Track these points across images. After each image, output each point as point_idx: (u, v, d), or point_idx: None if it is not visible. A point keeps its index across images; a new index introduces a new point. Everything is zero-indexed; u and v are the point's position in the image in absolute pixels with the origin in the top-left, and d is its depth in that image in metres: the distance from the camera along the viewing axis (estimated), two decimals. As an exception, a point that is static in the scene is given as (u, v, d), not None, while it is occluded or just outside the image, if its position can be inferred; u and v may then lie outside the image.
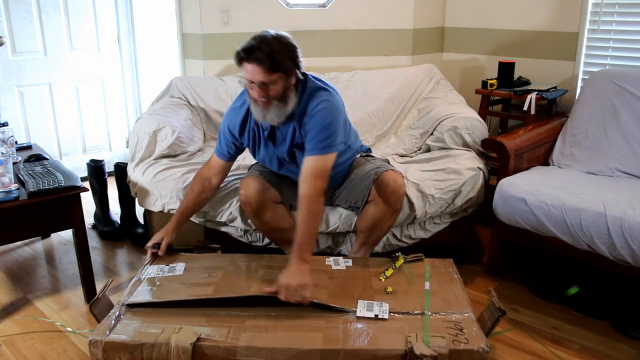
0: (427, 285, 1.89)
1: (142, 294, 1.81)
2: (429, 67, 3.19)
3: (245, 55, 1.82)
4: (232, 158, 2.20)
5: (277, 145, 2.09)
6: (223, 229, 2.40)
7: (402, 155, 2.80)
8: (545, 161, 2.68)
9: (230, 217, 2.33)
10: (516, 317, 2.19)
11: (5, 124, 2.71)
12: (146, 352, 1.55)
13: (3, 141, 2.30)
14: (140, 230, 2.90)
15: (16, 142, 2.59)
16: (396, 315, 1.71)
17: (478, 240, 2.77)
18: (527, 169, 2.54)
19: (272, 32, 1.88)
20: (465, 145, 2.62)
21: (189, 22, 3.32)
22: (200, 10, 3.21)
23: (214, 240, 2.44)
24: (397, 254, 2.09)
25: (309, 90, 1.97)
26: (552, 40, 3.15)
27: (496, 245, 2.44)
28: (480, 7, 3.44)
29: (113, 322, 1.66)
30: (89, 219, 2.96)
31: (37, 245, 2.91)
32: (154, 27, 3.86)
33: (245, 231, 2.38)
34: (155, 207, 2.41)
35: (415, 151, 2.83)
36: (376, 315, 1.70)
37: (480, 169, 2.44)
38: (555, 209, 2.13)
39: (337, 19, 3.33)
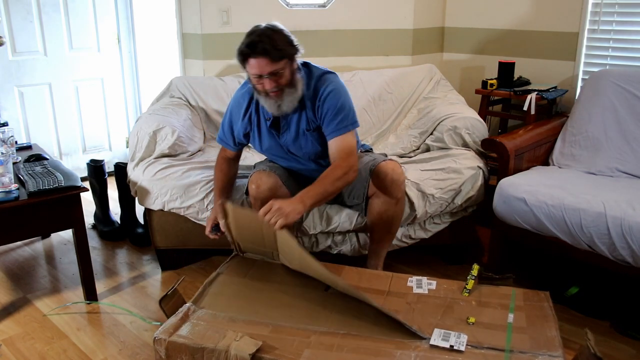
0: (510, 317, 1.67)
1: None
2: (429, 67, 3.19)
3: (250, 50, 1.87)
4: (239, 147, 2.25)
5: (281, 134, 2.11)
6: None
7: (401, 156, 2.80)
8: (545, 161, 2.68)
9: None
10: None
11: (5, 124, 2.71)
12: (206, 356, 1.53)
13: (3, 141, 2.31)
14: (140, 230, 2.90)
15: (16, 142, 2.59)
16: (474, 349, 1.53)
17: (478, 240, 2.77)
18: (527, 169, 2.54)
19: (264, 24, 1.94)
20: (465, 145, 2.62)
21: (189, 22, 3.32)
22: (200, 10, 3.21)
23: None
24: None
25: (316, 75, 2.04)
26: (552, 40, 3.15)
27: (496, 245, 2.43)
28: (480, 7, 3.44)
29: (180, 321, 1.65)
30: (89, 219, 2.96)
31: (37, 245, 2.91)
32: (154, 27, 3.86)
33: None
34: (155, 206, 2.41)
35: (414, 150, 2.83)
36: (451, 346, 1.53)
37: (480, 167, 2.44)
38: (555, 209, 2.13)
39: (337, 19, 3.33)
